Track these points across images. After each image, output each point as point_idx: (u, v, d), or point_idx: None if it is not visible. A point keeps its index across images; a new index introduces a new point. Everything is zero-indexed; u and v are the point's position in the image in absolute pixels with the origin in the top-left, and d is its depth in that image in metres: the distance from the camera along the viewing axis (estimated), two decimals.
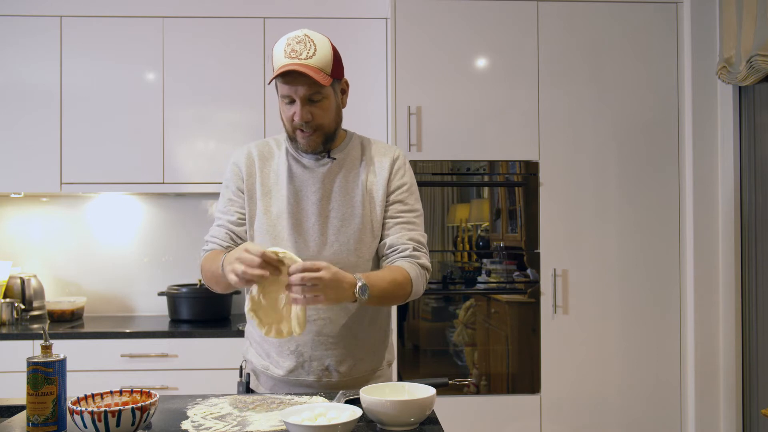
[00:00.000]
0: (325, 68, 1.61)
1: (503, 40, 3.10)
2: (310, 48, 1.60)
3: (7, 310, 3.11)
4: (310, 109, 1.64)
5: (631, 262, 3.12)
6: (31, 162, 3.15)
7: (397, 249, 1.71)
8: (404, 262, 1.68)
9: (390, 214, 1.74)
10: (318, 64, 1.60)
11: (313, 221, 1.69)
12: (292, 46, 1.60)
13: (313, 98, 1.63)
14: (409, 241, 1.71)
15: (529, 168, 3.10)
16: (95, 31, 3.18)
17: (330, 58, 1.63)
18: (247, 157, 1.76)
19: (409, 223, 1.74)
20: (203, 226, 3.43)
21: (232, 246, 1.70)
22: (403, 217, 1.74)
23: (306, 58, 1.59)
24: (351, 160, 1.76)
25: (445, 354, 3.11)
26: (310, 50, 1.60)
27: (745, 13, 2.88)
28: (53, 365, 1.29)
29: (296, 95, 1.62)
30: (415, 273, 1.67)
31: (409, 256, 1.70)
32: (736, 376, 3.06)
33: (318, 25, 3.18)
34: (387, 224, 1.74)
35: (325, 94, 1.64)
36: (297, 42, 1.60)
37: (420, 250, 1.72)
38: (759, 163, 3.01)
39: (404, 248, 1.70)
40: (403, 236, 1.71)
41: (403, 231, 1.72)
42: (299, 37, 1.61)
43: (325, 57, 1.61)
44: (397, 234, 1.72)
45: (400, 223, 1.73)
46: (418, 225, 1.76)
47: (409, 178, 1.79)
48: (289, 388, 1.71)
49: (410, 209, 1.75)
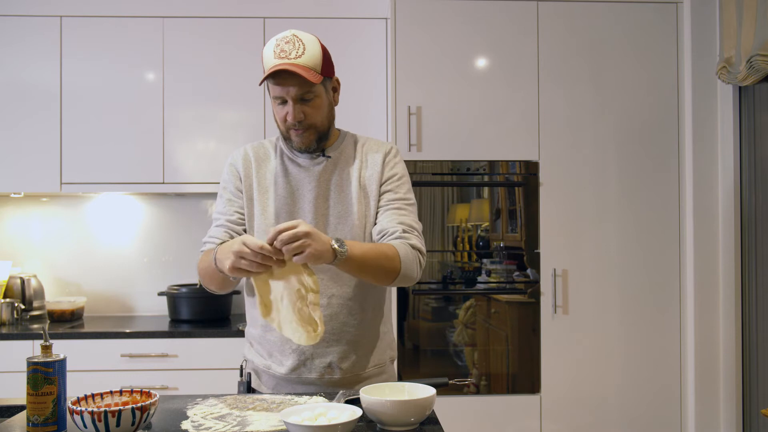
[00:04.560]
0: (315, 67, 1.61)
1: (503, 40, 3.10)
2: (299, 47, 1.60)
3: (7, 310, 3.11)
4: (302, 108, 1.65)
5: (631, 262, 3.12)
6: (31, 162, 3.15)
7: (386, 232, 1.68)
8: (395, 241, 1.65)
9: (381, 202, 1.73)
10: (308, 63, 1.60)
11: (310, 219, 1.70)
12: (281, 47, 1.61)
13: (305, 97, 1.64)
14: (398, 224, 1.68)
15: (529, 168, 3.10)
16: (95, 31, 3.18)
17: (319, 56, 1.63)
18: (243, 159, 1.77)
19: (400, 210, 1.72)
20: (203, 226, 3.42)
21: None
22: (393, 204, 1.72)
23: (295, 57, 1.59)
24: (345, 157, 1.76)
25: (445, 354, 3.11)
26: (299, 50, 1.60)
27: (745, 13, 2.87)
28: (53, 365, 1.29)
29: (288, 95, 1.63)
30: (404, 250, 1.62)
31: (398, 237, 1.66)
32: (736, 376, 3.06)
33: (318, 25, 3.20)
34: (378, 213, 1.73)
35: (317, 92, 1.65)
36: (285, 42, 1.61)
37: (410, 232, 1.68)
38: (759, 163, 3.00)
39: (393, 230, 1.67)
40: (393, 220, 1.69)
41: (394, 216, 1.70)
42: (287, 38, 1.62)
43: (314, 55, 1.62)
44: (388, 219, 1.70)
45: (391, 210, 1.71)
46: (409, 212, 1.73)
47: (401, 169, 1.78)
48: (292, 387, 1.72)
49: (401, 197, 1.74)
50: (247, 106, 3.22)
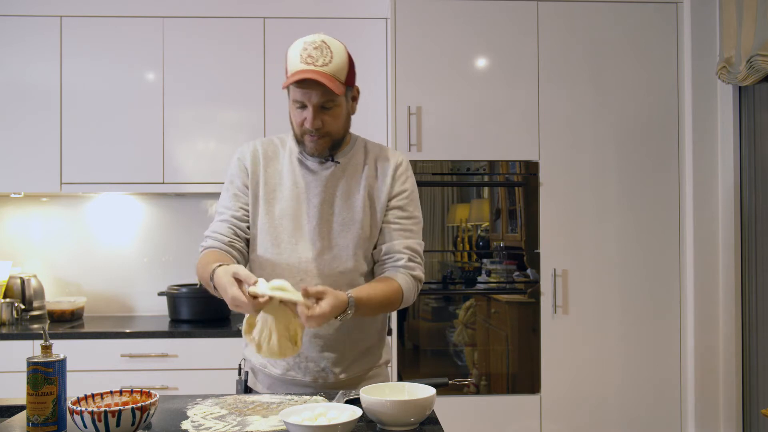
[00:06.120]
0: (339, 76, 1.60)
1: (503, 40, 3.10)
2: (327, 55, 1.59)
3: (7, 310, 3.11)
4: (321, 115, 1.63)
5: (631, 262, 3.12)
6: (31, 162, 3.15)
7: (392, 257, 1.71)
8: (398, 273, 1.68)
9: (388, 219, 1.73)
10: (333, 72, 1.59)
11: (315, 224, 1.69)
12: (309, 52, 1.58)
13: (326, 105, 1.62)
14: (405, 249, 1.71)
15: (529, 168, 3.10)
16: (95, 31, 3.18)
17: (345, 65, 1.62)
18: (252, 155, 1.75)
19: (407, 231, 1.73)
20: (203, 226, 3.39)
21: (234, 241, 1.69)
22: (401, 224, 1.73)
23: (322, 65, 1.58)
24: (354, 164, 1.75)
25: (445, 354, 3.11)
26: (326, 57, 1.58)
27: (745, 13, 2.87)
28: (53, 365, 1.29)
29: (309, 101, 1.61)
30: (407, 286, 1.68)
31: (403, 266, 1.69)
32: (736, 376, 3.06)
33: (318, 25, 3.19)
34: (384, 229, 1.73)
35: (338, 102, 1.63)
36: (314, 48, 1.59)
37: (415, 260, 1.72)
38: (759, 163, 3.00)
39: (399, 257, 1.70)
40: (400, 244, 1.71)
41: (401, 238, 1.72)
42: (316, 43, 1.59)
43: (340, 64, 1.60)
44: (394, 241, 1.71)
45: (397, 230, 1.72)
46: (415, 233, 1.75)
47: (411, 184, 1.78)
48: (286, 387, 1.72)
49: (409, 216, 1.75)
50: (247, 106, 3.22)
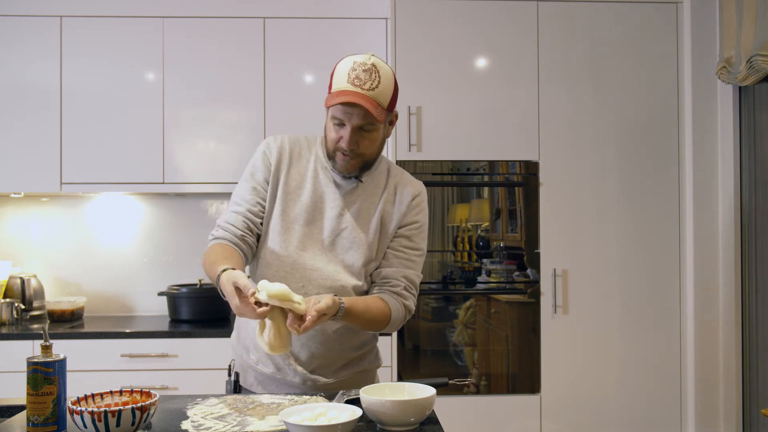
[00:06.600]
0: (383, 102, 1.60)
1: (503, 40, 3.10)
2: (375, 79, 1.58)
3: (7, 310, 3.11)
4: (358, 137, 1.63)
5: (631, 262, 3.12)
6: (31, 162, 3.15)
7: (389, 282, 1.71)
8: (391, 298, 1.68)
9: (394, 246, 1.73)
10: (378, 98, 1.59)
11: (325, 236, 1.69)
12: (357, 73, 1.58)
13: (365, 128, 1.62)
14: (403, 278, 1.71)
15: (529, 168, 3.10)
16: (95, 31, 3.18)
17: (390, 92, 1.62)
18: (279, 151, 1.74)
19: (409, 261, 1.74)
20: (203, 226, 3.43)
21: (246, 236, 1.67)
22: (405, 253, 1.73)
23: (369, 89, 1.57)
24: (374, 185, 1.74)
25: (445, 354, 3.11)
26: (374, 81, 1.58)
27: (745, 13, 2.88)
28: (53, 365, 1.29)
29: (348, 122, 1.61)
30: (396, 314, 1.68)
31: (398, 294, 1.70)
32: (736, 376, 3.06)
33: (318, 25, 3.20)
34: (388, 254, 1.73)
35: (377, 126, 1.63)
36: (363, 70, 1.58)
37: (410, 290, 1.73)
38: (759, 163, 3.00)
39: (396, 284, 1.70)
40: (399, 272, 1.71)
41: (401, 267, 1.72)
42: (366, 65, 1.59)
43: (386, 90, 1.60)
44: (394, 268, 1.72)
45: (400, 258, 1.73)
46: (417, 264, 1.75)
47: (423, 217, 1.78)
48: (277, 385, 1.72)
49: (414, 247, 1.75)
50: (247, 106, 3.22)
